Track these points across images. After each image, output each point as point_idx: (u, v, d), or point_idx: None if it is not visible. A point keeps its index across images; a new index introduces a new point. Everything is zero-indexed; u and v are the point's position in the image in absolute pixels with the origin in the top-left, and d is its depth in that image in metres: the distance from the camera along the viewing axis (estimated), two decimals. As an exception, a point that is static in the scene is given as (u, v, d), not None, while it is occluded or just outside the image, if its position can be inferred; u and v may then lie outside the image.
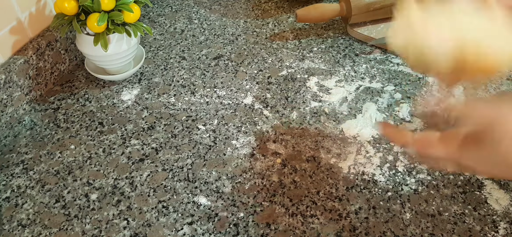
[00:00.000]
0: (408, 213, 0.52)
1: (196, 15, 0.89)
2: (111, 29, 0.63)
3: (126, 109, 0.67)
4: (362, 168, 0.57)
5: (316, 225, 0.51)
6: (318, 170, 0.57)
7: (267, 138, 0.62)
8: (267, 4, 0.92)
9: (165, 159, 0.59)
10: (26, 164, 0.59)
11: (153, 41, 0.82)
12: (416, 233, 0.50)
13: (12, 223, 0.52)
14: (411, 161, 0.33)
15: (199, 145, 0.61)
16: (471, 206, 0.53)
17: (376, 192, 0.54)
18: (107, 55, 0.66)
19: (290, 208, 0.53)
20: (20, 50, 0.65)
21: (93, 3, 0.61)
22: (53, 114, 0.67)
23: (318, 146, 0.61)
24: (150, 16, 0.89)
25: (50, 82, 0.71)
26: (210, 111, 0.66)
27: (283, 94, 0.69)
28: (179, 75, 0.73)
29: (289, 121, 0.65)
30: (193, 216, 0.52)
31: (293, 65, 0.75)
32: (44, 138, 0.63)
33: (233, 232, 0.50)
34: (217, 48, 0.80)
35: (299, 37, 0.82)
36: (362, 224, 0.51)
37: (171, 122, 0.65)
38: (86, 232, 0.51)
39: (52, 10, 0.71)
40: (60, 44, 0.71)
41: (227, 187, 0.55)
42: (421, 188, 0.55)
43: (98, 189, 0.55)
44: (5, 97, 0.62)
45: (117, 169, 0.58)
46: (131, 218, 0.52)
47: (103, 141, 0.62)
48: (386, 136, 0.34)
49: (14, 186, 0.56)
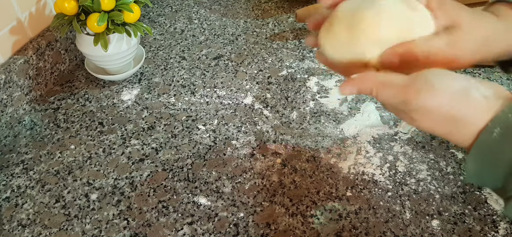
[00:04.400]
0: (408, 213, 0.52)
1: (196, 15, 0.89)
2: (111, 29, 0.63)
3: (126, 109, 0.67)
4: (362, 168, 0.57)
5: (316, 225, 0.51)
6: (318, 170, 0.57)
7: (267, 138, 0.62)
8: (267, 4, 0.92)
9: (165, 159, 0.59)
10: (26, 164, 0.59)
11: (153, 41, 0.82)
12: (416, 233, 0.50)
13: (12, 223, 0.52)
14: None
15: (199, 145, 0.61)
16: (471, 206, 0.53)
17: (376, 192, 0.54)
18: (107, 55, 0.66)
19: (290, 208, 0.53)
20: (20, 50, 0.65)
21: (93, 3, 0.61)
22: (53, 114, 0.67)
23: (318, 146, 0.61)
24: (150, 16, 0.89)
25: (50, 82, 0.71)
26: (210, 111, 0.67)
27: (283, 94, 0.69)
28: (179, 75, 0.73)
29: (289, 121, 0.65)
30: (193, 216, 0.52)
31: (293, 65, 0.75)
32: (44, 138, 0.63)
33: (233, 232, 0.50)
34: (217, 48, 0.80)
35: (299, 37, 0.82)
36: (362, 224, 0.51)
37: (171, 122, 0.65)
38: (86, 232, 0.51)
39: (52, 10, 0.71)
40: (60, 44, 0.71)
41: (227, 187, 0.55)
42: (421, 188, 0.55)
43: (98, 189, 0.55)
44: (5, 97, 0.62)
45: (117, 169, 0.58)
46: (131, 218, 0.52)
47: (103, 141, 0.62)
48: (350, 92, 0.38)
49: (14, 186, 0.56)
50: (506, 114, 0.30)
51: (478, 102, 0.31)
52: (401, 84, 0.32)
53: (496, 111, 0.30)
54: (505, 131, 0.29)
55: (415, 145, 0.60)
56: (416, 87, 0.32)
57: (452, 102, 0.31)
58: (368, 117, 0.65)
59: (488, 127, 0.30)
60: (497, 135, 0.30)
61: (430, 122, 0.32)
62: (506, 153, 0.30)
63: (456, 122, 0.31)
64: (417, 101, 0.32)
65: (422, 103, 0.31)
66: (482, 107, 0.31)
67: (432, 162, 0.58)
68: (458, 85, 0.31)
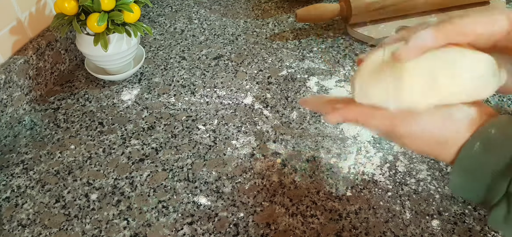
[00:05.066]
0: (408, 213, 0.52)
1: (196, 15, 0.89)
2: (111, 29, 0.63)
3: (126, 109, 0.67)
4: (362, 168, 0.57)
5: (316, 225, 0.51)
6: (318, 170, 0.57)
7: (267, 138, 0.62)
8: (267, 4, 0.92)
9: (165, 159, 0.59)
10: (26, 164, 0.59)
11: (153, 41, 0.82)
12: (416, 233, 0.50)
13: (12, 223, 0.52)
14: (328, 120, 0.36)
15: (199, 145, 0.61)
16: (471, 206, 0.53)
17: (376, 192, 0.54)
18: (107, 55, 0.66)
19: (290, 208, 0.53)
20: (20, 50, 0.65)
21: (93, 3, 0.61)
22: (53, 114, 0.67)
23: (318, 146, 0.61)
24: (150, 16, 0.89)
25: (50, 82, 0.71)
26: (210, 111, 0.67)
27: (283, 94, 0.69)
28: (179, 75, 0.73)
29: (289, 121, 0.65)
30: (193, 216, 0.52)
31: (293, 65, 0.75)
32: (44, 138, 0.63)
33: (233, 232, 0.50)
34: (217, 48, 0.80)
35: (299, 37, 0.82)
36: (362, 224, 0.51)
37: (171, 122, 0.65)
38: (86, 232, 0.51)
39: (52, 10, 0.71)
40: (60, 44, 0.71)
41: (227, 187, 0.55)
42: (421, 188, 0.55)
43: (98, 189, 0.55)
44: (5, 97, 0.62)
45: (117, 169, 0.58)
46: (131, 218, 0.52)
47: (103, 141, 0.62)
48: (310, 108, 0.39)
49: (14, 186, 0.56)
50: (486, 128, 0.31)
51: (461, 122, 0.32)
52: (386, 115, 0.34)
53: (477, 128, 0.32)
54: (485, 145, 0.31)
55: (415, 145, 0.60)
56: (400, 116, 0.33)
57: (435, 125, 0.33)
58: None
59: (469, 142, 0.31)
60: (478, 148, 0.31)
61: (417, 145, 0.34)
62: (486, 165, 0.31)
63: (440, 143, 0.33)
64: (402, 129, 0.34)
65: (407, 130, 0.33)
66: (465, 126, 0.32)
67: (432, 162, 0.58)
68: (441, 109, 0.33)
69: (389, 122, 0.34)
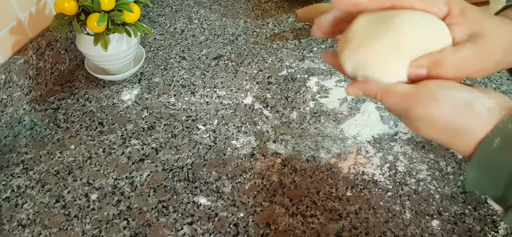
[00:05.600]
0: (408, 213, 0.52)
1: (196, 15, 0.89)
2: (111, 29, 0.63)
3: (126, 109, 0.67)
4: (362, 168, 0.57)
5: (316, 225, 0.51)
6: (318, 170, 0.57)
7: (267, 138, 0.62)
8: (267, 4, 0.92)
9: (165, 159, 0.59)
10: (26, 164, 0.59)
11: (153, 41, 0.82)
12: (416, 233, 0.50)
13: (12, 223, 0.52)
14: None
15: (199, 145, 0.61)
16: (471, 206, 0.53)
17: (376, 192, 0.54)
18: (107, 55, 0.66)
19: (290, 208, 0.53)
20: (20, 50, 0.65)
21: (93, 3, 0.61)
22: (53, 114, 0.67)
23: (318, 146, 0.61)
24: (150, 16, 0.89)
25: (50, 82, 0.71)
26: (210, 111, 0.67)
27: (283, 94, 0.69)
28: (179, 75, 0.73)
29: (289, 121, 0.65)
30: (193, 216, 0.52)
31: (293, 65, 0.75)
32: (44, 138, 0.63)
33: (233, 232, 0.50)
34: (217, 48, 0.80)
35: (299, 37, 0.82)
36: (362, 224, 0.51)
37: (171, 122, 0.65)
38: (86, 232, 0.51)
39: (52, 10, 0.71)
40: (60, 44, 0.71)
41: (227, 187, 0.55)
42: (421, 188, 0.55)
43: (98, 189, 0.55)
44: (5, 97, 0.62)
45: (117, 169, 0.58)
46: (131, 218, 0.52)
47: (103, 141, 0.62)
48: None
49: (14, 186, 0.56)
50: (506, 124, 0.30)
51: (480, 114, 0.31)
52: (405, 93, 0.33)
53: (497, 122, 0.31)
54: (505, 141, 0.30)
55: (415, 145, 0.60)
56: (419, 96, 0.32)
57: (454, 113, 0.31)
58: (368, 117, 0.65)
59: (488, 137, 0.30)
60: (497, 145, 0.30)
61: (432, 131, 0.33)
62: (506, 163, 0.30)
63: (457, 132, 0.32)
64: (419, 110, 0.32)
65: (424, 112, 0.32)
66: (484, 119, 0.31)
67: (432, 162, 0.58)
68: (461, 97, 0.32)
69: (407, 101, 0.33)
